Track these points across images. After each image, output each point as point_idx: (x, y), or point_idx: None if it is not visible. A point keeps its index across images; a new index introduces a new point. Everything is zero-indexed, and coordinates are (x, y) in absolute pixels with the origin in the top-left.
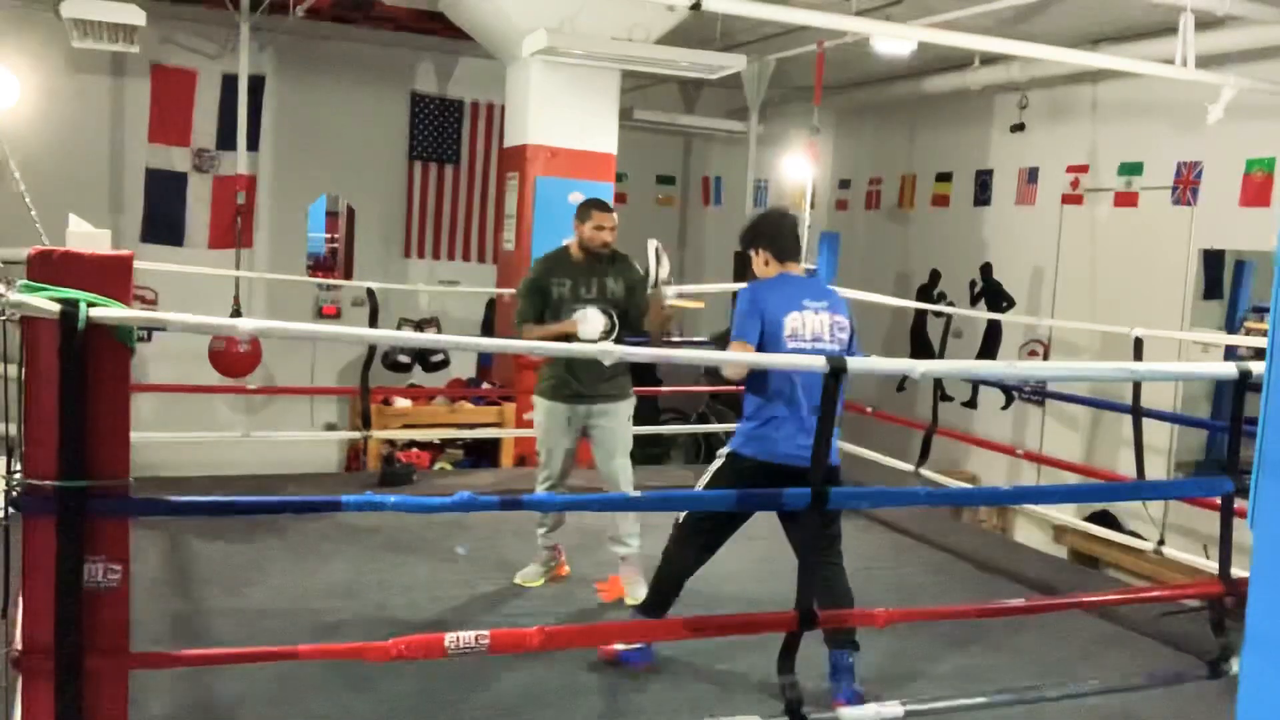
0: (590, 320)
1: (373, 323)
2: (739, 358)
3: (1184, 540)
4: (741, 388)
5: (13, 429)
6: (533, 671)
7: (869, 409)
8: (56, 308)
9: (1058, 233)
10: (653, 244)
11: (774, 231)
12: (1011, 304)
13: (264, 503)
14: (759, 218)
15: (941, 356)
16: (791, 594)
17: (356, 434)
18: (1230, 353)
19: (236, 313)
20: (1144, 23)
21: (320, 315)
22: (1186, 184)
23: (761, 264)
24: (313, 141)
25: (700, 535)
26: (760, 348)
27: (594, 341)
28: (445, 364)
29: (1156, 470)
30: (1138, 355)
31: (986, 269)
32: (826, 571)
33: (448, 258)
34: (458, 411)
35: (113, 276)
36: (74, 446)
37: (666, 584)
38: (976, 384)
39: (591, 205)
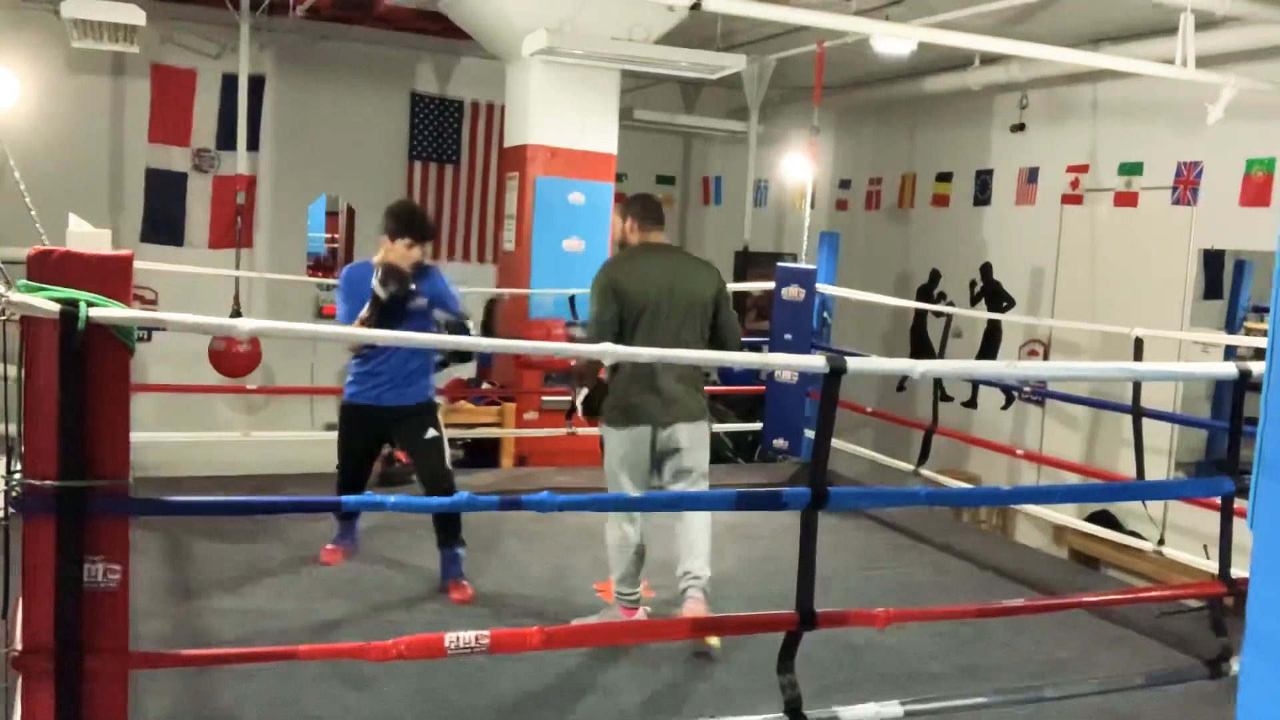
0: None
1: None
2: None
3: (1184, 540)
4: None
5: (13, 429)
6: (533, 671)
7: (869, 409)
8: (56, 308)
9: (1058, 233)
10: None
11: None
12: (1011, 304)
13: (264, 503)
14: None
15: (941, 356)
16: (791, 594)
17: None
18: (1230, 353)
19: (236, 313)
20: (1144, 23)
21: (320, 315)
22: (1186, 184)
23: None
24: (313, 141)
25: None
26: None
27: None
28: (445, 364)
29: (1157, 470)
30: (1138, 355)
31: (986, 269)
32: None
33: (447, 258)
34: (458, 411)
35: (113, 276)
36: (74, 446)
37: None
38: (976, 384)
39: None
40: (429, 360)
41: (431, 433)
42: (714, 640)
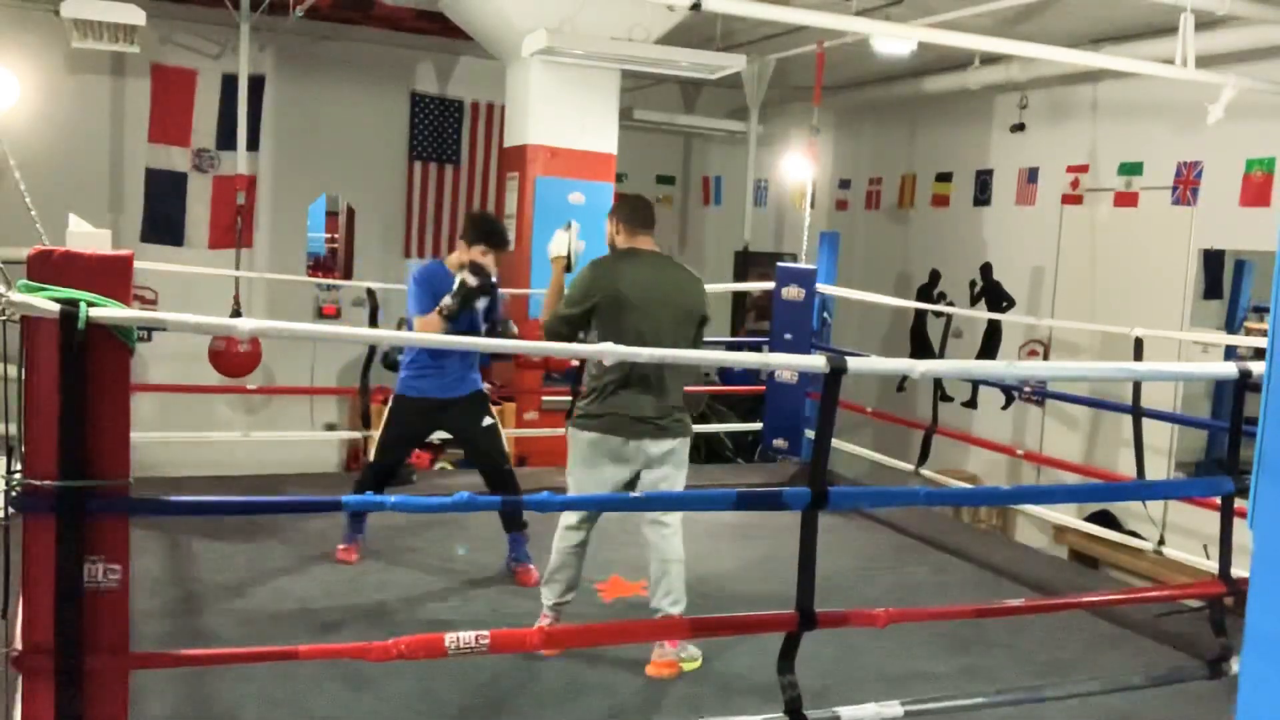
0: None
1: (372, 323)
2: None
3: (1184, 540)
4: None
5: (13, 429)
6: (533, 671)
7: (869, 409)
8: (56, 308)
9: (1058, 233)
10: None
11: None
12: (1011, 304)
13: (264, 503)
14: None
15: (941, 356)
16: (792, 594)
17: (356, 434)
18: (1230, 353)
19: (236, 313)
20: (1144, 23)
21: (320, 315)
22: (1186, 184)
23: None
24: (313, 141)
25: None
26: None
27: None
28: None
29: (1156, 470)
30: (1138, 355)
31: (986, 269)
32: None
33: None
34: None
35: (113, 276)
36: (74, 446)
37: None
38: (976, 384)
39: None
40: (479, 352)
41: (488, 420)
42: (689, 664)
